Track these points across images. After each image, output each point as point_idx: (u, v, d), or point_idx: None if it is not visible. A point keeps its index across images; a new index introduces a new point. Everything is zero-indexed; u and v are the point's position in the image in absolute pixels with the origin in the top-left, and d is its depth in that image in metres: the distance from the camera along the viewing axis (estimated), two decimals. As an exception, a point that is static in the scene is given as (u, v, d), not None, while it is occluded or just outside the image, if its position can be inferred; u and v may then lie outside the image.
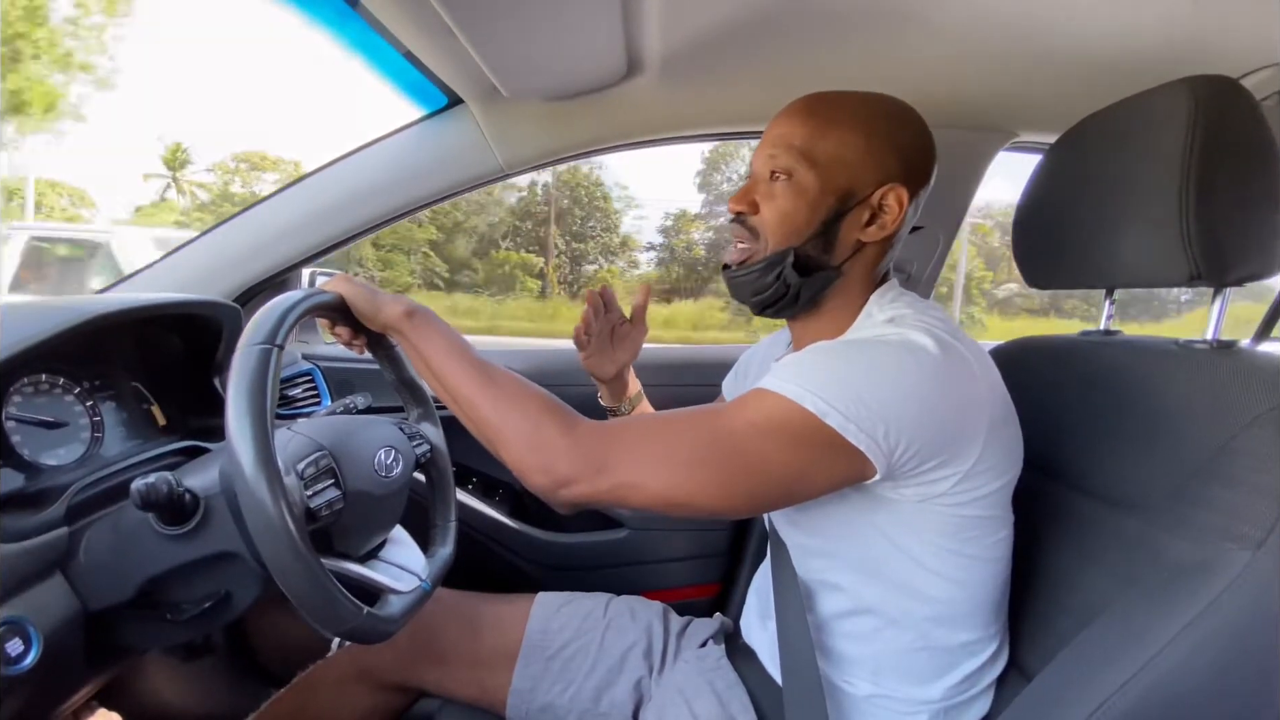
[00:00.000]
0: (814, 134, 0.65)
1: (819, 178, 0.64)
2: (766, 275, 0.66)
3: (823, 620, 0.69)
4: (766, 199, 0.66)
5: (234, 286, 1.00)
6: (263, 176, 20.14)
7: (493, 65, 0.79)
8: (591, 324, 0.89)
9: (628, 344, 0.90)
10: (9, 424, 0.68)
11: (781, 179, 0.65)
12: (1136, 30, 0.78)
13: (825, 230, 0.65)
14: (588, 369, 0.91)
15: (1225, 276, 0.59)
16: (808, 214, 0.65)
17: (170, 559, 0.61)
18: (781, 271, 0.65)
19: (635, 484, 0.57)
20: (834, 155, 0.64)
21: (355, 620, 0.56)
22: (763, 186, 0.67)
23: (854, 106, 0.66)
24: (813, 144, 0.64)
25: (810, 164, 0.64)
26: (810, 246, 0.65)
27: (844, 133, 0.64)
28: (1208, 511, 0.53)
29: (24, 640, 0.55)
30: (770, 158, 0.66)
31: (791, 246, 0.65)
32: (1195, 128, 0.57)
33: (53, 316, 0.66)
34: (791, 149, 0.65)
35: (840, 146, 0.64)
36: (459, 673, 0.84)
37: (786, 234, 0.65)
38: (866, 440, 0.54)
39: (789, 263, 0.65)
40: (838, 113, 0.65)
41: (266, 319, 0.56)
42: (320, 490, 0.60)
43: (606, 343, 0.90)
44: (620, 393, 0.93)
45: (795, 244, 0.65)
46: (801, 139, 0.65)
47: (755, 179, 0.68)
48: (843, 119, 0.65)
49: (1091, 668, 0.52)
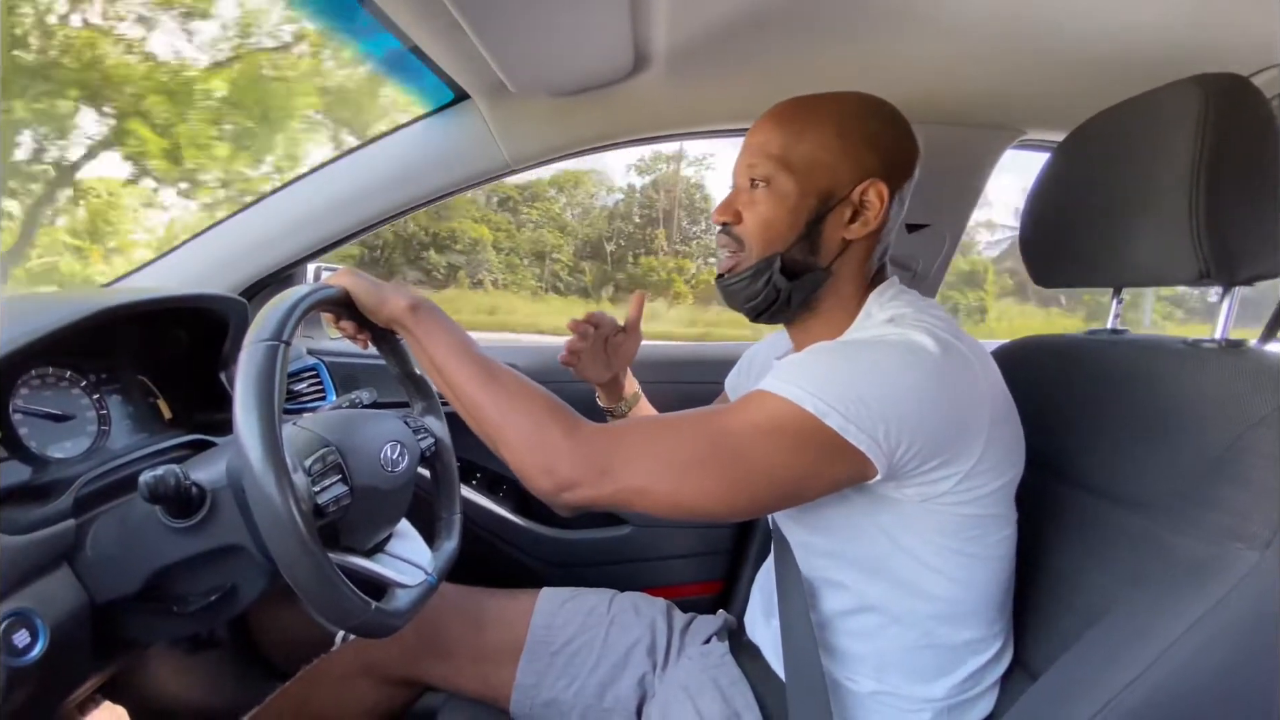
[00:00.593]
0: (789, 139, 0.66)
1: (797, 182, 0.65)
2: (756, 282, 0.67)
3: (826, 618, 0.69)
4: (749, 207, 0.67)
5: (240, 281, 1.00)
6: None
7: (500, 61, 0.79)
8: (578, 349, 0.88)
9: (622, 352, 0.91)
10: (16, 416, 0.68)
11: (761, 186, 0.66)
12: (1144, 28, 0.78)
13: (809, 233, 0.66)
14: (581, 377, 0.90)
15: (1234, 275, 0.59)
16: (790, 219, 0.65)
17: (177, 552, 0.61)
18: (770, 277, 0.66)
19: (638, 488, 0.57)
20: (810, 157, 0.65)
21: (362, 615, 0.57)
22: (744, 195, 0.68)
23: (826, 107, 0.66)
24: (789, 149, 0.65)
25: (788, 169, 0.65)
26: (796, 250, 0.66)
27: (818, 134, 0.65)
28: (1215, 511, 0.52)
29: (31, 632, 0.55)
30: (749, 167, 0.67)
31: (777, 252, 0.66)
32: (1206, 126, 0.57)
33: (60, 310, 0.66)
34: (769, 157, 0.66)
35: (815, 148, 0.65)
36: (464, 667, 0.84)
37: (770, 240, 0.66)
38: (867, 441, 0.54)
39: (776, 268, 0.66)
40: (811, 115, 0.66)
41: (273, 315, 0.56)
42: (328, 486, 0.60)
43: (600, 352, 0.90)
44: (617, 394, 0.93)
45: (780, 249, 0.66)
46: (778, 146, 0.66)
47: (737, 189, 0.69)
48: (816, 121, 0.66)
49: (1097, 666, 0.52)
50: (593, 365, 0.90)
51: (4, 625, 0.53)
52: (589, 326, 0.88)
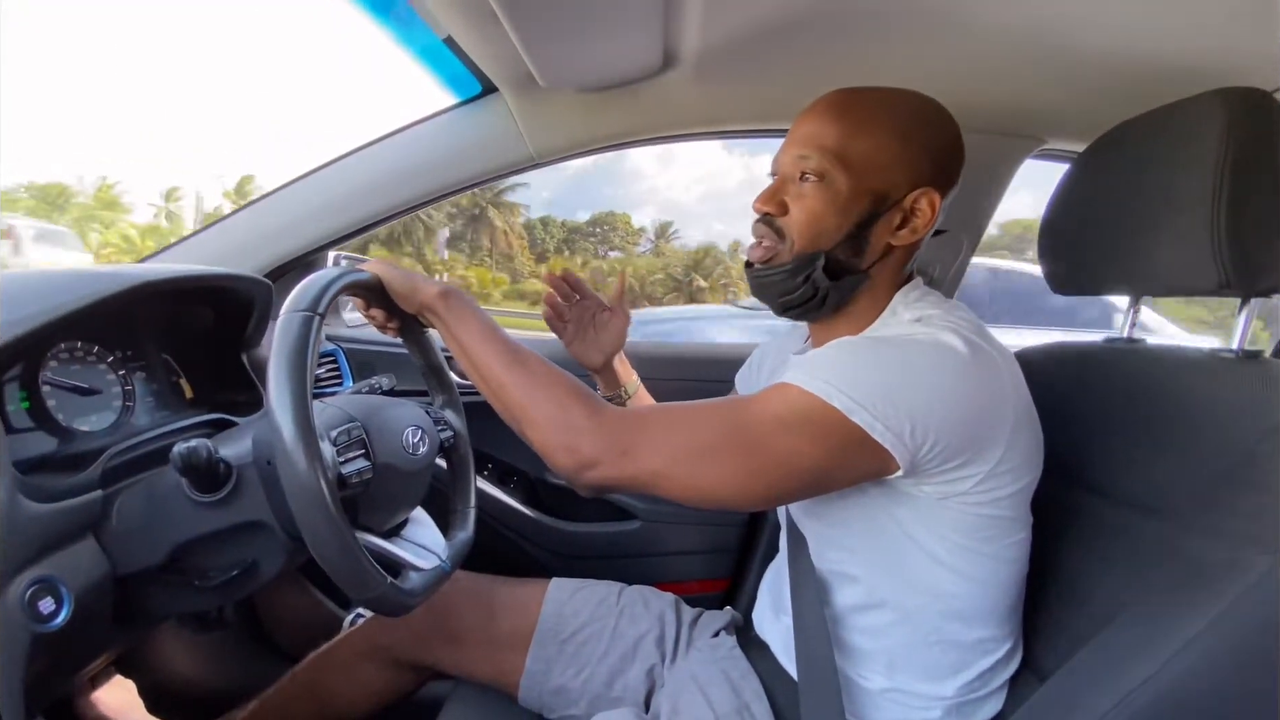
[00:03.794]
0: (847, 135, 0.63)
1: (852, 180, 0.62)
2: (795, 277, 0.65)
3: (838, 613, 0.69)
4: (796, 200, 0.65)
5: (265, 263, 1.01)
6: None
7: (533, 54, 0.80)
8: (560, 307, 0.89)
9: (610, 331, 0.89)
10: (45, 388, 0.69)
11: (812, 180, 0.64)
12: (1168, 42, 0.78)
13: (856, 234, 0.64)
14: (574, 357, 0.90)
15: (1254, 286, 0.60)
16: (839, 217, 0.64)
17: (201, 525, 0.62)
18: (810, 274, 0.64)
19: (657, 470, 0.58)
20: (868, 157, 0.63)
21: (379, 588, 0.57)
22: (791, 187, 0.65)
23: (888, 106, 0.64)
24: (845, 145, 0.63)
25: (844, 166, 0.62)
26: (840, 250, 0.64)
27: (878, 134, 0.63)
28: (1230, 517, 0.53)
29: (56, 600, 0.55)
30: (800, 159, 0.64)
31: (821, 250, 0.64)
32: (1229, 139, 0.58)
33: (91, 284, 0.67)
34: (823, 150, 0.63)
35: (874, 149, 0.63)
36: (474, 653, 0.84)
37: (815, 236, 0.64)
38: (892, 438, 0.54)
39: (819, 266, 0.64)
40: (871, 112, 0.64)
41: (310, 288, 0.58)
42: (352, 459, 0.61)
43: (589, 330, 0.90)
44: (613, 382, 0.92)
45: (825, 247, 0.64)
46: (834, 140, 0.63)
47: (783, 179, 0.66)
48: (876, 119, 0.63)
49: (1108, 668, 0.53)
50: (582, 344, 0.90)
51: (30, 591, 0.54)
52: (563, 283, 0.89)
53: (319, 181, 1.03)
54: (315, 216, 1.02)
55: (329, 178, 1.02)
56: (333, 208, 1.02)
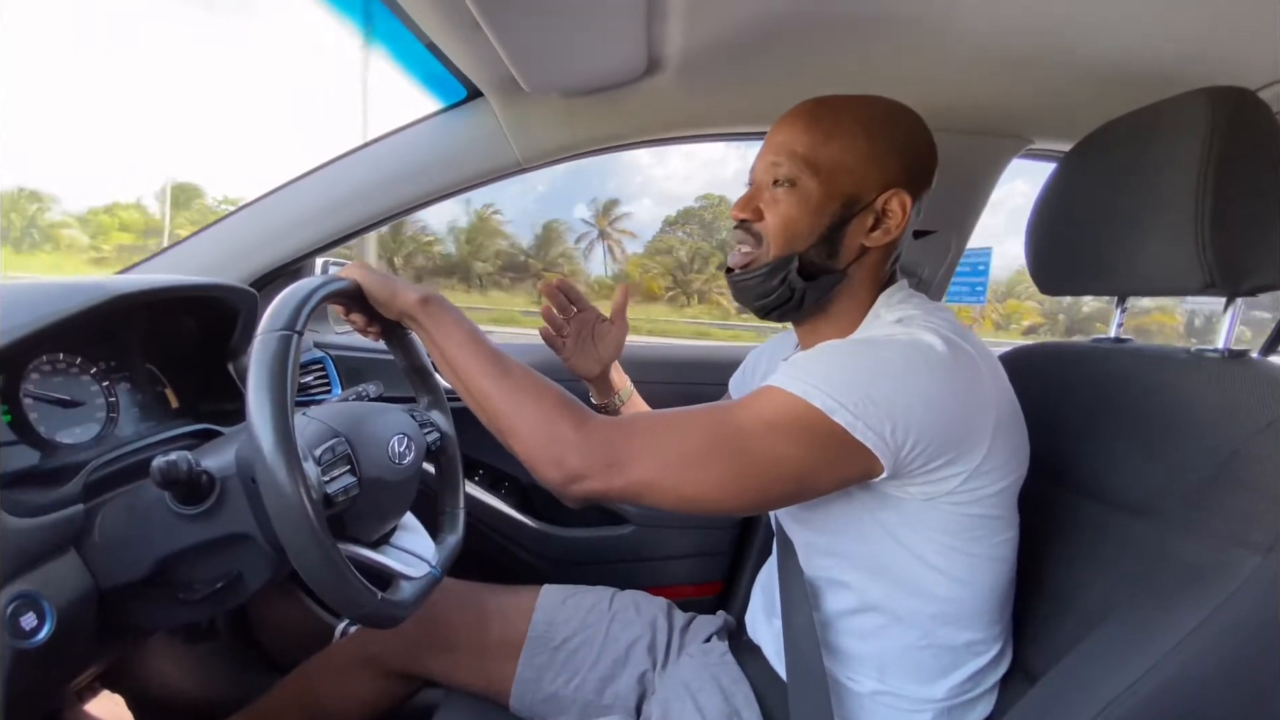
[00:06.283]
0: (817, 141, 0.65)
1: (822, 185, 0.64)
2: (771, 280, 0.67)
3: (828, 617, 0.69)
4: (770, 206, 0.67)
5: (250, 272, 1.01)
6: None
7: (516, 59, 0.80)
8: (557, 320, 0.88)
9: (609, 342, 0.89)
10: (26, 401, 0.68)
11: (785, 186, 0.66)
12: (1154, 40, 0.78)
13: (829, 236, 0.66)
14: (570, 368, 0.89)
15: (1239, 286, 0.60)
16: (811, 221, 0.65)
17: (185, 538, 0.62)
18: (786, 276, 0.66)
19: (646, 481, 0.57)
20: (837, 162, 0.64)
21: (369, 604, 0.57)
22: (766, 194, 0.67)
23: (856, 111, 0.66)
24: (816, 151, 0.65)
25: (814, 172, 0.64)
26: (814, 252, 0.66)
27: (847, 139, 0.65)
28: (1218, 517, 0.53)
29: (38, 615, 0.55)
30: (773, 165, 0.66)
31: (795, 252, 0.66)
32: (1213, 138, 0.58)
33: (72, 296, 0.66)
34: (795, 156, 0.65)
35: (844, 153, 0.64)
36: (465, 661, 0.84)
37: (789, 240, 0.66)
38: (874, 437, 0.54)
39: (793, 268, 0.66)
40: (840, 118, 0.65)
41: (286, 305, 0.57)
42: (337, 476, 0.60)
43: (588, 342, 0.89)
44: (608, 390, 0.92)
45: (799, 250, 0.66)
46: (804, 146, 0.65)
47: (758, 186, 0.69)
48: (845, 125, 0.65)
49: (1098, 669, 0.53)
50: (579, 356, 0.89)
51: (11, 607, 0.53)
52: (558, 292, 0.88)
53: (305, 188, 1.02)
54: (302, 223, 1.02)
55: (315, 184, 1.02)
56: (319, 214, 1.02)
